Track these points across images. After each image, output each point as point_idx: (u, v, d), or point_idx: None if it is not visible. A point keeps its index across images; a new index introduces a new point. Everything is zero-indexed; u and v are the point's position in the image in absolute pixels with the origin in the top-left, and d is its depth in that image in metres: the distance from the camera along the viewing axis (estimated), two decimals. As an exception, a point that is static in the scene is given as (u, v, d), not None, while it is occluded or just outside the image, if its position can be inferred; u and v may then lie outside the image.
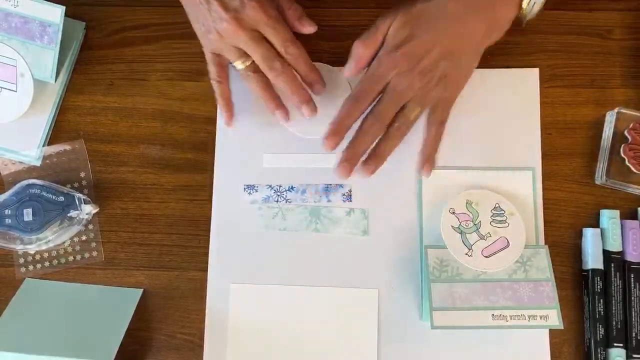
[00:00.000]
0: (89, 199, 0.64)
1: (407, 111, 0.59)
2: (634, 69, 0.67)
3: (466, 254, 0.61)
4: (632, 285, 0.61)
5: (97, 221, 0.66)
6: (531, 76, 0.67)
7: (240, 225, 0.65)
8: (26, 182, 0.64)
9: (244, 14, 0.57)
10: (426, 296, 0.60)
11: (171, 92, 0.68)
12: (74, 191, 0.64)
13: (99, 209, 0.66)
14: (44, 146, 0.67)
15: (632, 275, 0.62)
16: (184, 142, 0.67)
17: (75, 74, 0.69)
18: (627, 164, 0.64)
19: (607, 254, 0.62)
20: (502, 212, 0.63)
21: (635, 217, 0.64)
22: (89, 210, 0.64)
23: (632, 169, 0.64)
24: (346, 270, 0.64)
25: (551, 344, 0.62)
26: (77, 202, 0.63)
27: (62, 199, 0.63)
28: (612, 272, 0.62)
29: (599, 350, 0.61)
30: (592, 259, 0.62)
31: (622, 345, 0.61)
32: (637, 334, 0.61)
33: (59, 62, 0.66)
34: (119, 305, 0.64)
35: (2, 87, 0.65)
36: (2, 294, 0.65)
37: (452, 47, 0.58)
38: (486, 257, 0.61)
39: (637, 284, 0.62)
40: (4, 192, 0.64)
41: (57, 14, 0.65)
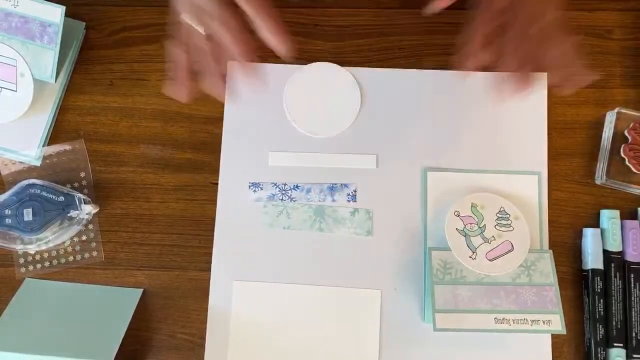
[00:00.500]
0: (89, 199, 0.64)
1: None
2: (634, 69, 0.67)
3: (470, 257, 0.61)
4: (632, 285, 0.62)
5: (97, 221, 0.66)
6: (539, 80, 0.67)
7: (244, 222, 0.65)
8: (26, 182, 0.64)
9: None
10: (429, 298, 0.60)
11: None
12: (74, 191, 0.64)
13: (99, 209, 0.66)
14: (44, 146, 0.67)
15: (632, 275, 0.62)
16: (184, 142, 0.67)
17: (75, 74, 0.69)
18: (627, 164, 0.64)
19: (607, 254, 0.62)
20: (507, 215, 0.63)
21: (635, 217, 0.64)
22: (89, 210, 0.64)
23: (632, 169, 0.64)
24: (349, 270, 0.64)
25: (551, 344, 0.62)
26: (77, 202, 0.63)
27: (62, 199, 0.63)
28: (612, 272, 0.62)
29: (599, 350, 0.61)
30: (592, 259, 0.62)
31: (622, 345, 0.61)
32: (637, 334, 0.61)
33: (59, 62, 0.66)
34: (119, 305, 0.64)
35: (2, 87, 0.65)
36: (2, 294, 0.65)
37: None
38: (490, 260, 0.61)
39: (637, 284, 0.62)
40: (4, 192, 0.64)
41: (57, 14, 0.65)
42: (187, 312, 0.64)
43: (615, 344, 0.61)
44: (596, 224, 0.64)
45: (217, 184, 0.66)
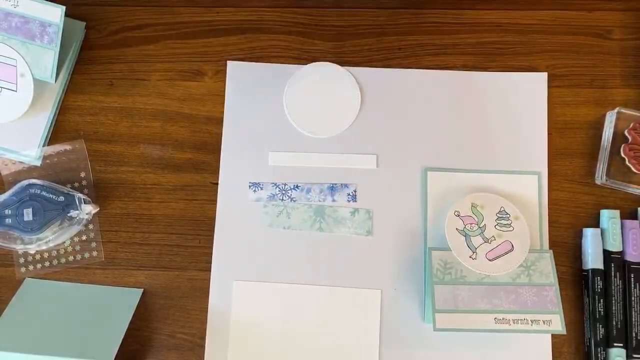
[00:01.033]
0: (89, 199, 0.64)
1: None
2: (634, 69, 0.67)
3: (470, 257, 0.61)
4: (632, 285, 0.62)
5: (97, 221, 0.66)
6: (539, 80, 0.67)
7: (244, 222, 0.65)
8: (26, 182, 0.64)
9: None
10: (429, 298, 0.60)
11: (171, 92, 0.68)
12: (74, 191, 0.64)
13: (99, 209, 0.66)
14: (44, 146, 0.67)
15: (632, 275, 0.62)
16: (184, 142, 0.67)
17: (75, 74, 0.69)
18: (627, 164, 0.64)
19: (607, 254, 0.62)
20: (507, 215, 0.63)
21: (635, 217, 0.64)
22: (89, 210, 0.64)
23: (632, 169, 0.64)
24: (349, 270, 0.64)
25: (551, 344, 0.62)
26: (77, 202, 0.63)
27: (62, 199, 0.63)
28: (612, 272, 0.62)
29: (599, 350, 0.61)
30: (592, 259, 0.62)
31: (622, 345, 0.61)
32: (637, 334, 0.61)
33: (59, 62, 0.66)
34: (119, 305, 0.64)
35: (2, 87, 0.65)
36: (2, 294, 0.65)
37: None
38: (490, 260, 0.61)
39: (637, 284, 0.62)
40: (4, 192, 0.64)
41: (57, 14, 0.65)
42: (186, 312, 0.64)
43: (615, 344, 0.61)
44: (596, 224, 0.64)
45: (217, 184, 0.66)
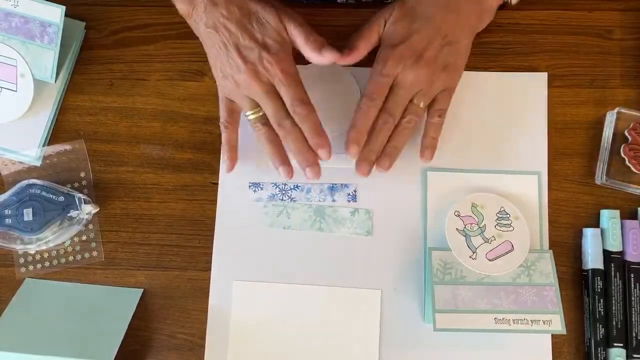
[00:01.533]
0: (89, 199, 0.64)
1: (416, 103, 0.60)
2: (634, 69, 0.67)
3: (470, 257, 0.61)
4: (632, 285, 0.62)
5: (97, 221, 0.66)
6: (539, 80, 0.67)
7: (244, 222, 0.65)
8: (26, 182, 0.64)
9: (260, 67, 0.57)
10: (429, 298, 0.60)
11: (171, 92, 0.68)
12: (74, 191, 0.64)
13: (99, 209, 0.66)
14: (44, 146, 0.67)
15: (632, 275, 0.62)
16: (184, 142, 0.67)
17: (75, 74, 0.69)
18: (627, 164, 0.64)
19: (607, 254, 0.62)
20: (507, 215, 0.63)
21: (635, 217, 0.64)
22: (89, 210, 0.64)
23: (632, 169, 0.64)
24: (349, 270, 0.64)
25: (551, 344, 0.62)
26: (77, 202, 0.63)
27: (62, 199, 0.63)
28: (612, 272, 0.62)
29: (599, 350, 0.61)
30: (592, 259, 0.62)
31: (622, 345, 0.61)
32: (637, 334, 0.61)
33: (59, 62, 0.66)
34: (119, 305, 0.64)
35: (2, 87, 0.65)
36: (2, 294, 0.65)
37: (451, 35, 0.59)
38: (490, 260, 0.61)
39: (637, 284, 0.62)
40: (4, 192, 0.64)
41: (57, 14, 0.65)
42: (186, 312, 0.64)
43: (615, 344, 0.61)
44: (596, 224, 0.64)
45: (217, 184, 0.66)
